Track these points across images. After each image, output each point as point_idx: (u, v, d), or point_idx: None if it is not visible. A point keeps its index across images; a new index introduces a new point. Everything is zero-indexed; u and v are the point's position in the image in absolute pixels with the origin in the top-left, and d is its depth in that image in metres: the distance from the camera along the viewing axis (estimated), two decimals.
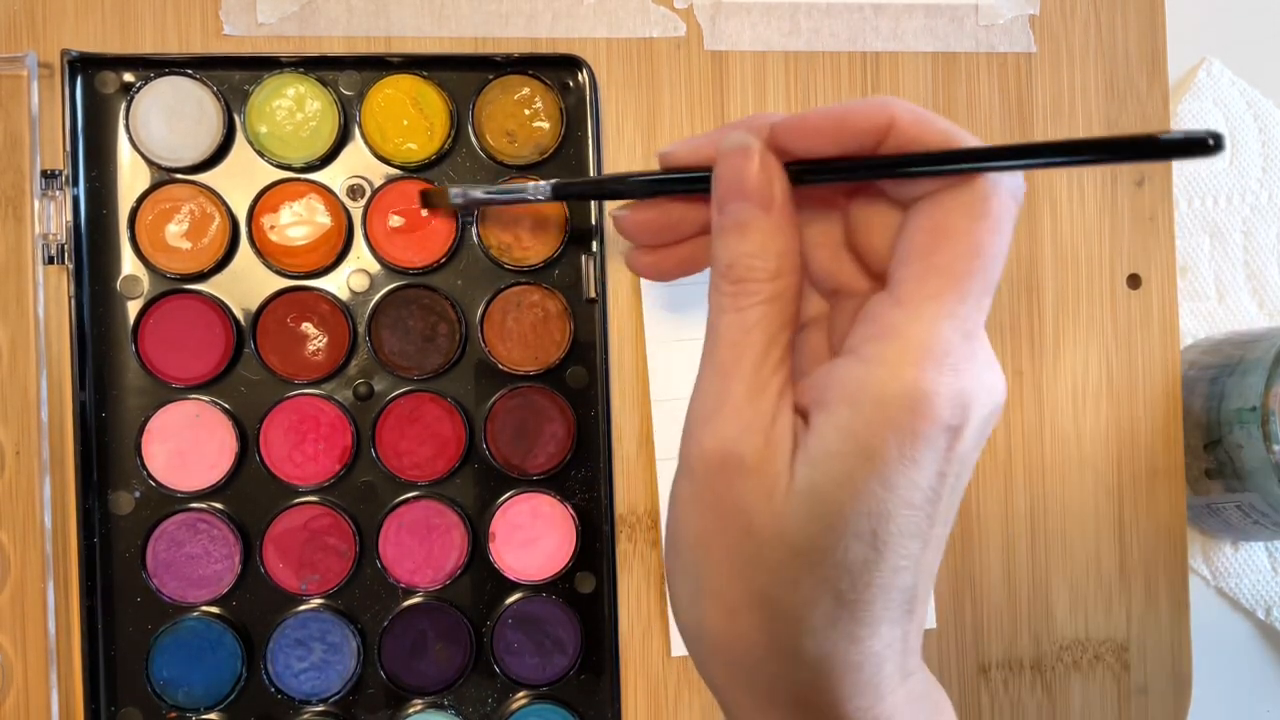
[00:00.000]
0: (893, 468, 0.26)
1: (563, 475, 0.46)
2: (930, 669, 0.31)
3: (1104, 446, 0.50)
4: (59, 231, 0.44)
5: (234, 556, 0.45)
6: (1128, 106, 0.50)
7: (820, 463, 0.27)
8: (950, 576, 0.49)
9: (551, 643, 0.46)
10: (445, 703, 0.46)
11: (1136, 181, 0.50)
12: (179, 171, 0.45)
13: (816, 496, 0.27)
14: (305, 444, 0.45)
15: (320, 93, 0.45)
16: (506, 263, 0.46)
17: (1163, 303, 0.50)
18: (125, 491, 0.45)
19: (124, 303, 0.45)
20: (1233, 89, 0.54)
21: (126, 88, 0.45)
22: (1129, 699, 0.50)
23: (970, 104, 0.49)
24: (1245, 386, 0.47)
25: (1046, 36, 0.50)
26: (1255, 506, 0.48)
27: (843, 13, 0.49)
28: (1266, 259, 0.54)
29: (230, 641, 0.45)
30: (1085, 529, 0.50)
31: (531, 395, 0.46)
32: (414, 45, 0.47)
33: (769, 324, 0.28)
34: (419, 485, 0.46)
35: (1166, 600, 0.50)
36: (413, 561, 0.45)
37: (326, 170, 0.46)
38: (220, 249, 0.45)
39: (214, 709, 0.45)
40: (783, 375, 0.29)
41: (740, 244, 0.29)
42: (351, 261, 0.46)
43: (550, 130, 0.46)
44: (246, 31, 0.46)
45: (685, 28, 0.48)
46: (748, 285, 0.29)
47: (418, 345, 0.46)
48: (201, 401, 0.45)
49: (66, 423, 0.44)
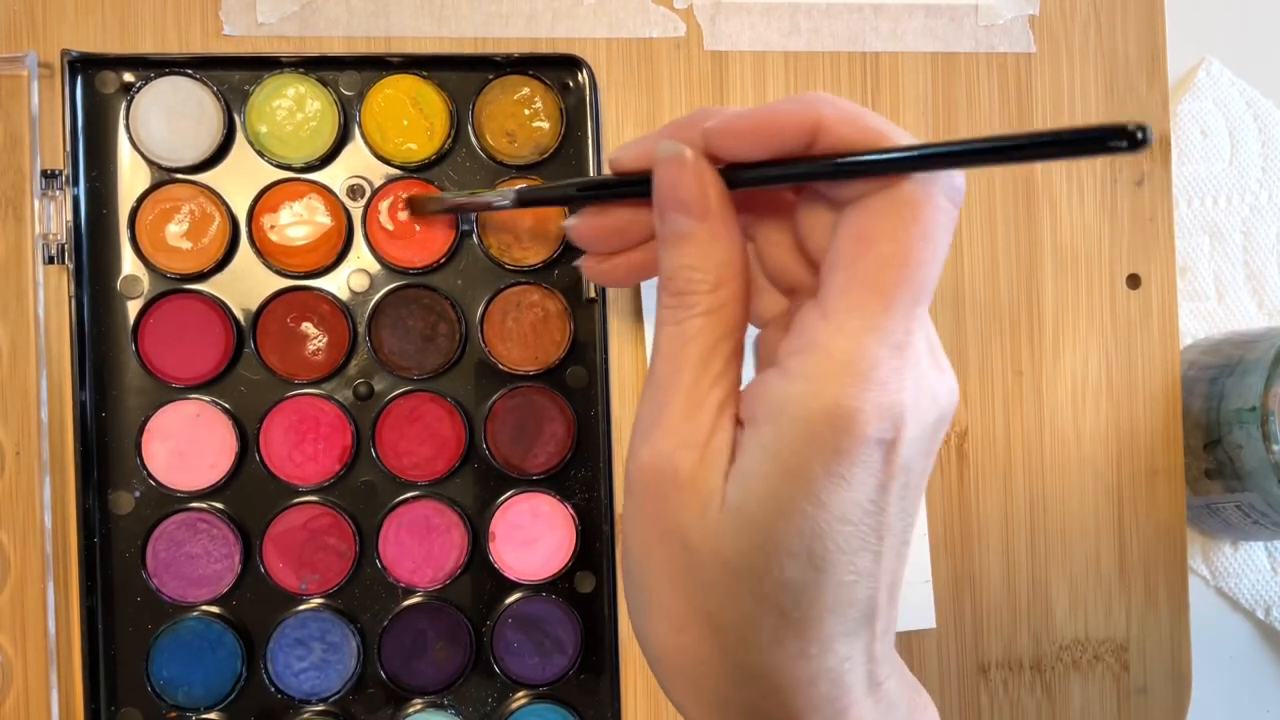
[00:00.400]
0: (821, 485, 0.25)
1: (563, 475, 0.46)
2: (930, 669, 0.31)
3: (1104, 446, 0.50)
4: (59, 231, 0.44)
5: (234, 556, 0.45)
6: (1128, 106, 0.50)
7: (747, 481, 0.26)
8: (950, 576, 0.49)
9: (551, 643, 0.46)
10: (445, 702, 0.46)
11: (1136, 181, 0.50)
12: (179, 171, 0.45)
13: (745, 515, 0.26)
14: (305, 444, 0.45)
15: (320, 93, 0.45)
16: (506, 263, 0.46)
17: (1163, 303, 0.50)
18: (125, 491, 0.45)
19: (124, 303, 0.45)
20: (1233, 89, 0.54)
21: (126, 88, 0.45)
22: (1129, 699, 0.50)
23: (970, 104, 0.49)
24: (1245, 386, 0.47)
25: (1046, 36, 0.50)
26: (1255, 506, 0.48)
27: (843, 13, 0.49)
28: (1266, 259, 0.54)
29: (230, 641, 0.45)
30: (1085, 529, 0.50)
31: (531, 395, 0.46)
32: (414, 45, 0.47)
33: (707, 336, 0.28)
34: (419, 485, 0.46)
35: (1166, 600, 0.50)
36: (412, 561, 0.45)
37: (326, 170, 0.46)
38: (220, 249, 0.45)
39: (214, 709, 0.45)
40: (723, 388, 0.28)
41: (679, 255, 0.28)
42: (351, 261, 0.46)
43: (550, 130, 0.46)
44: (246, 31, 0.46)
45: (685, 28, 0.48)
46: (686, 298, 0.28)
47: (418, 345, 0.46)
48: (201, 401, 0.45)
49: (66, 423, 0.44)
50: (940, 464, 0.49)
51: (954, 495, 0.49)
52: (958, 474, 0.49)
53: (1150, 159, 0.50)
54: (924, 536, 0.49)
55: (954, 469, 0.49)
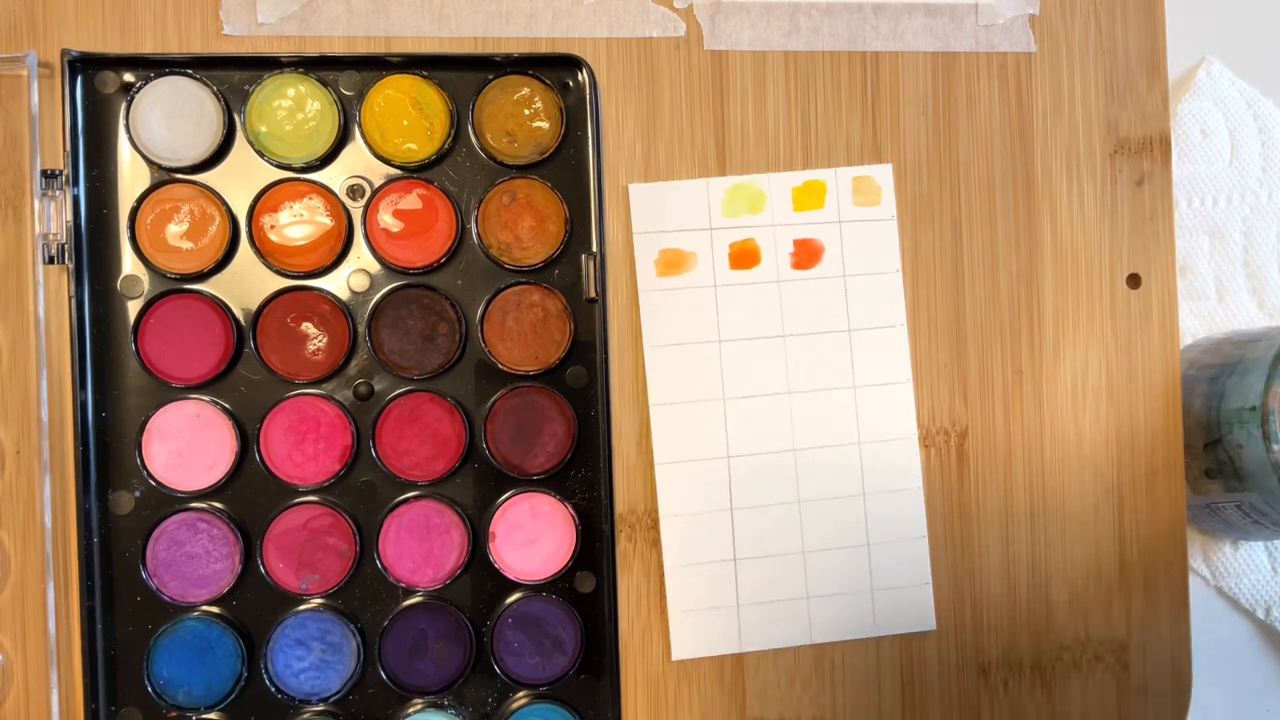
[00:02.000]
0: None
1: (563, 475, 0.46)
2: (930, 669, 0.31)
3: (1104, 446, 0.50)
4: (59, 231, 0.44)
5: (234, 556, 0.45)
6: (1128, 106, 0.50)
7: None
8: (950, 576, 0.49)
9: (551, 642, 0.46)
10: (445, 702, 0.46)
11: (1136, 181, 0.50)
12: (179, 171, 0.45)
13: None
14: (305, 444, 0.45)
15: (320, 93, 0.45)
16: (506, 263, 0.46)
17: (1163, 303, 0.50)
18: (125, 491, 0.45)
19: (124, 302, 0.45)
20: (1233, 89, 0.54)
21: (126, 88, 0.45)
22: (1128, 699, 0.50)
23: (970, 104, 0.49)
24: (1245, 386, 0.47)
25: (1046, 36, 0.50)
26: (1255, 506, 0.48)
27: (842, 13, 0.49)
28: (1266, 259, 0.54)
29: (230, 641, 0.45)
30: (1085, 529, 0.50)
31: (531, 395, 0.46)
32: (414, 45, 0.47)
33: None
34: (419, 485, 0.46)
35: (1166, 600, 0.50)
36: (412, 561, 0.45)
37: (326, 170, 0.46)
38: (220, 249, 0.45)
39: (214, 709, 0.45)
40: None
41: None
42: (351, 261, 0.46)
43: (550, 130, 0.46)
44: (246, 31, 0.46)
45: (685, 28, 0.48)
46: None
47: (418, 345, 0.46)
48: (201, 401, 0.45)
49: (66, 422, 0.44)
50: (940, 464, 0.49)
51: (954, 495, 0.49)
52: (958, 474, 0.49)
53: (1150, 159, 0.50)
54: (924, 537, 0.49)
55: (954, 469, 0.49)
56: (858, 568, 0.48)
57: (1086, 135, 0.50)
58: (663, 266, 0.48)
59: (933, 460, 0.49)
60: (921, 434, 0.49)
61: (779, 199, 0.48)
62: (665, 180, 0.48)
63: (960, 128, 0.49)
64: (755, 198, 0.48)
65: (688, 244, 0.48)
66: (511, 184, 0.46)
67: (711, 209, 0.48)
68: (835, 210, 0.49)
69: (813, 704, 0.48)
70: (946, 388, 0.49)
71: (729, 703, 0.48)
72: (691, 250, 0.48)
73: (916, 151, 0.49)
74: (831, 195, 0.49)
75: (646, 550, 0.47)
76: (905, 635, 0.48)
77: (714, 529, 0.48)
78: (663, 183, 0.48)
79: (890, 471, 0.49)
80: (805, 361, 0.48)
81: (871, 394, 0.49)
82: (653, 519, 0.47)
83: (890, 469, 0.49)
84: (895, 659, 0.48)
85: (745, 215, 0.48)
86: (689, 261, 0.48)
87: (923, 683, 0.48)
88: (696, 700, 0.47)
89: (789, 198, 0.48)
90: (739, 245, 0.48)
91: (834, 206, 0.49)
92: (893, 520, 0.48)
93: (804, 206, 0.49)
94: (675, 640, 0.47)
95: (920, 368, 0.49)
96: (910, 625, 0.48)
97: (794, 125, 0.49)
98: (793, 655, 0.48)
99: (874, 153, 0.49)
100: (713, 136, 0.48)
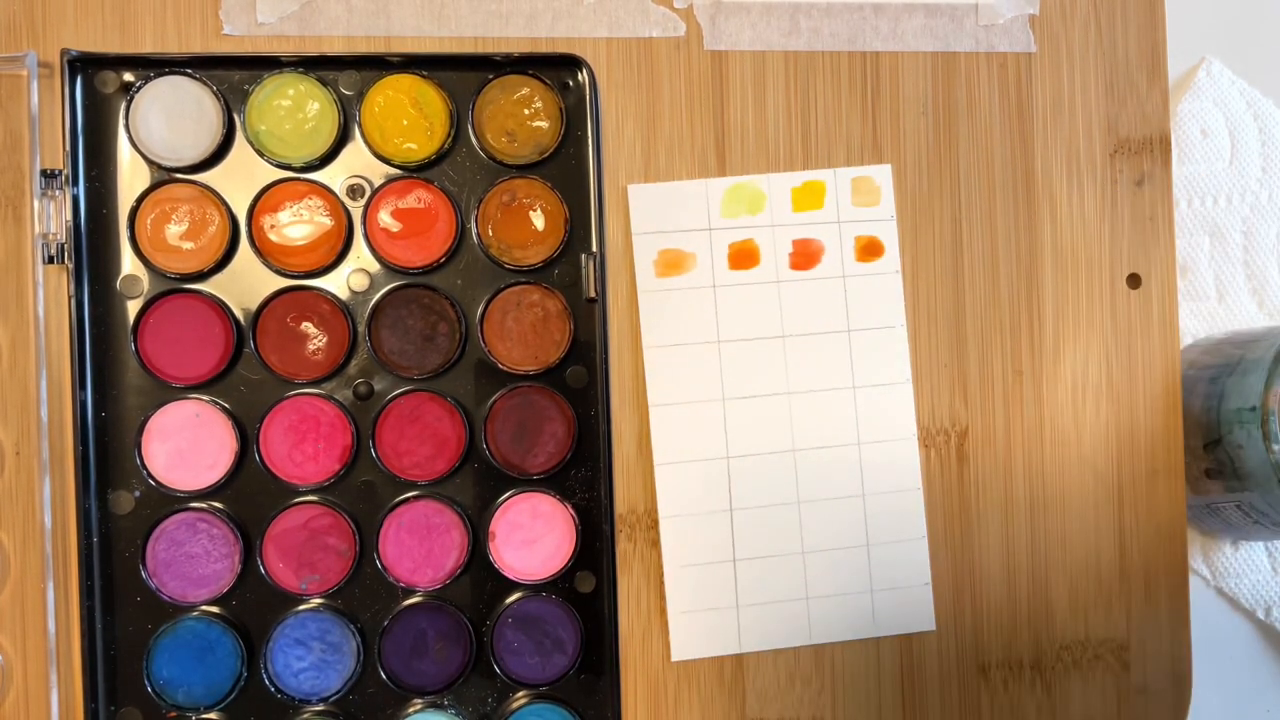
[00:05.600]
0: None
1: (563, 475, 0.46)
2: (930, 669, 0.31)
3: (1104, 446, 0.50)
4: (59, 231, 0.44)
5: (234, 556, 0.45)
6: (1128, 106, 0.50)
7: None
8: (950, 576, 0.49)
9: (551, 642, 0.46)
10: (445, 702, 0.46)
11: (1136, 181, 0.50)
12: (179, 171, 0.45)
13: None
14: (305, 444, 0.45)
15: (320, 92, 0.45)
16: (506, 263, 0.46)
17: (1163, 303, 0.50)
18: (125, 491, 0.45)
19: (124, 302, 0.45)
20: (1233, 89, 0.54)
21: (126, 87, 0.45)
22: (1128, 699, 0.50)
23: (970, 104, 0.49)
24: (1245, 386, 0.47)
25: (1046, 36, 0.50)
26: (1255, 506, 0.48)
27: (843, 13, 0.49)
28: (1266, 259, 0.54)
29: (230, 641, 0.45)
30: (1085, 529, 0.50)
31: (531, 395, 0.46)
32: (414, 45, 0.47)
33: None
34: (419, 485, 0.46)
35: (1166, 600, 0.50)
36: (412, 561, 0.45)
37: (326, 170, 0.46)
38: (220, 248, 0.45)
39: (214, 709, 0.45)
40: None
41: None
42: (351, 261, 0.46)
43: (550, 130, 0.46)
44: (246, 31, 0.46)
45: (685, 28, 0.48)
46: None
47: (417, 345, 0.46)
48: (201, 401, 0.45)
49: (66, 422, 0.44)
50: (940, 464, 0.49)
51: (954, 495, 0.49)
52: (958, 474, 0.49)
53: (1150, 159, 0.50)
54: (923, 537, 0.49)
55: (954, 469, 0.49)
56: (857, 568, 0.48)
57: (1086, 135, 0.50)
58: (662, 267, 0.48)
59: (932, 460, 0.49)
60: (921, 434, 0.49)
61: (778, 199, 0.48)
62: (665, 180, 0.48)
63: (960, 128, 0.49)
64: (754, 198, 0.48)
65: (687, 244, 0.48)
66: (511, 184, 0.46)
67: (711, 209, 0.48)
68: (834, 210, 0.49)
69: (812, 704, 0.48)
70: (946, 388, 0.49)
71: (729, 703, 0.48)
72: (691, 250, 0.48)
73: (916, 152, 0.49)
74: (831, 195, 0.49)
75: (646, 550, 0.47)
76: (905, 635, 0.48)
77: (714, 529, 0.48)
78: (662, 183, 0.48)
79: (890, 472, 0.49)
80: (805, 362, 0.48)
81: (871, 394, 0.49)
82: (652, 519, 0.47)
83: (890, 469, 0.49)
84: (895, 659, 0.48)
85: (744, 215, 0.48)
86: (688, 262, 0.48)
87: (922, 683, 0.48)
88: (696, 700, 0.47)
89: (788, 198, 0.48)
90: (738, 245, 0.48)
91: (833, 207, 0.49)
92: (892, 520, 0.48)
93: (803, 207, 0.49)
94: (675, 640, 0.47)
95: (920, 368, 0.49)
96: (910, 625, 0.48)
97: (794, 125, 0.49)
98: (792, 655, 0.48)
99: (874, 153, 0.49)
100: (712, 137, 0.48)
